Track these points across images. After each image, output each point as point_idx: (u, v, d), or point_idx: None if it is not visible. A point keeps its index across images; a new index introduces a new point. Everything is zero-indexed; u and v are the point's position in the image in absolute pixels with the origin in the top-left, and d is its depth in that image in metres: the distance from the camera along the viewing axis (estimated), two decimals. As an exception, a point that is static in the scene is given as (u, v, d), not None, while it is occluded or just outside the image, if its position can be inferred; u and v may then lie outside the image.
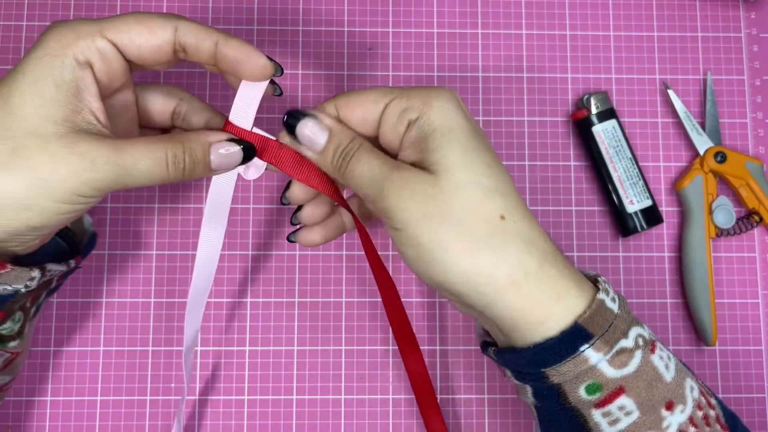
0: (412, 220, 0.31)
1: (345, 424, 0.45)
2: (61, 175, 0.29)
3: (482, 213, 0.31)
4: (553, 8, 0.49)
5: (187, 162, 0.32)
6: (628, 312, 0.32)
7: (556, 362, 0.31)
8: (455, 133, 0.32)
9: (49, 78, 0.30)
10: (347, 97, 0.34)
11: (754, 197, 0.46)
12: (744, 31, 0.49)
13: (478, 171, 0.31)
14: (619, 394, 0.31)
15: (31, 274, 0.33)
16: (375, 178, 0.32)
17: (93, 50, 0.31)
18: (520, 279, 0.31)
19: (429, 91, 0.33)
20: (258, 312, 0.45)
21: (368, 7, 0.48)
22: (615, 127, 0.46)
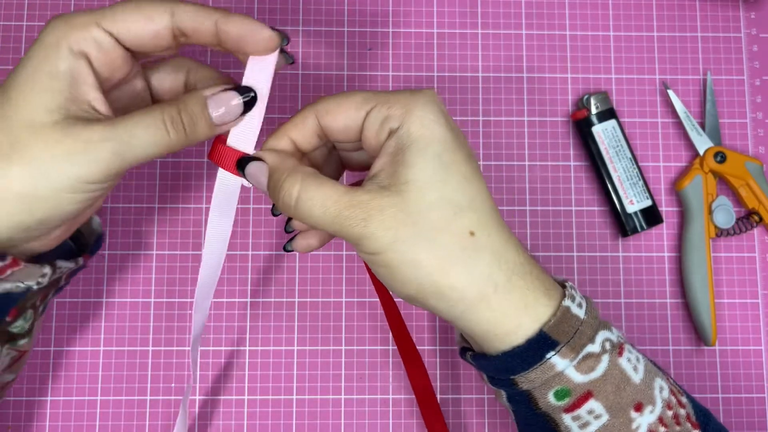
0: (382, 246, 0.30)
1: (345, 424, 0.45)
2: (57, 160, 0.29)
3: (453, 230, 0.31)
4: (553, 8, 0.49)
5: (185, 121, 0.31)
6: (596, 316, 0.33)
7: (523, 369, 0.31)
8: (432, 147, 0.31)
9: (44, 69, 0.30)
10: (328, 104, 0.33)
11: (754, 197, 0.46)
12: (744, 31, 0.49)
13: (451, 186, 0.31)
14: (587, 399, 0.31)
15: (43, 271, 0.33)
16: (330, 210, 0.31)
17: (88, 40, 0.31)
18: (489, 293, 0.31)
19: (410, 97, 0.32)
20: (258, 312, 0.45)
21: (368, 7, 0.48)
22: (615, 127, 0.46)
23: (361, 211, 0.30)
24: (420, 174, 0.31)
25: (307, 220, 0.31)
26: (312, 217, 0.31)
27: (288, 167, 0.32)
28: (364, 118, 0.32)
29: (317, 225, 0.31)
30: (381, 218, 0.30)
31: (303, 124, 0.34)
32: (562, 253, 0.47)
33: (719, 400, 0.46)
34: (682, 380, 0.46)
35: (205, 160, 0.46)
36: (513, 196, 0.47)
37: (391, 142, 0.31)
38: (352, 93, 0.33)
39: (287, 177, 0.32)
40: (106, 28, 0.31)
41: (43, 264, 0.33)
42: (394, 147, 0.31)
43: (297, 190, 0.31)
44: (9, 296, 0.33)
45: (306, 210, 0.31)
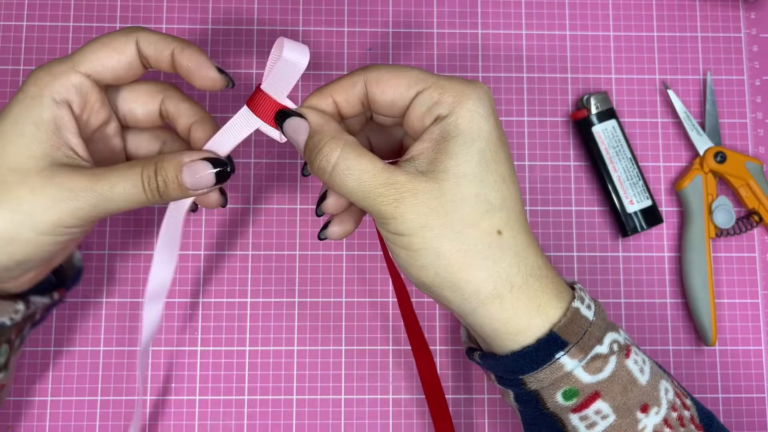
0: (409, 229, 0.31)
1: (345, 424, 0.45)
2: (41, 206, 0.31)
3: (481, 227, 0.31)
4: (553, 8, 0.49)
5: (159, 182, 0.32)
6: (604, 318, 0.33)
7: (533, 369, 0.32)
8: (478, 143, 0.31)
9: (29, 118, 0.31)
10: (379, 73, 0.33)
11: (754, 197, 0.46)
12: (744, 31, 0.49)
13: (488, 185, 0.31)
14: (594, 399, 0.32)
15: (16, 307, 0.34)
16: (365, 184, 0.31)
17: (69, 88, 0.32)
18: (504, 292, 0.31)
19: (464, 87, 0.32)
20: (258, 312, 0.45)
21: (368, 7, 0.48)
22: (615, 127, 0.46)
23: (395, 191, 0.30)
24: (461, 167, 0.31)
25: (339, 189, 0.31)
26: (345, 187, 0.31)
27: (330, 131, 0.32)
28: (413, 97, 0.32)
29: (349, 196, 0.31)
30: (414, 202, 0.30)
31: (351, 88, 0.33)
32: (562, 253, 0.47)
33: (719, 400, 0.46)
34: (682, 380, 0.46)
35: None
36: (513, 196, 0.47)
37: (436, 129, 0.31)
38: (407, 68, 0.33)
39: (328, 141, 0.31)
40: (84, 71, 0.33)
41: (17, 300, 0.34)
42: (439, 134, 0.31)
43: (336, 156, 0.31)
44: None
45: (341, 179, 0.31)
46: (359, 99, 0.33)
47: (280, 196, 0.47)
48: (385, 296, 0.46)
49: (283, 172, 0.47)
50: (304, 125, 0.32)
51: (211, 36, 0.47)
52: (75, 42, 0.47)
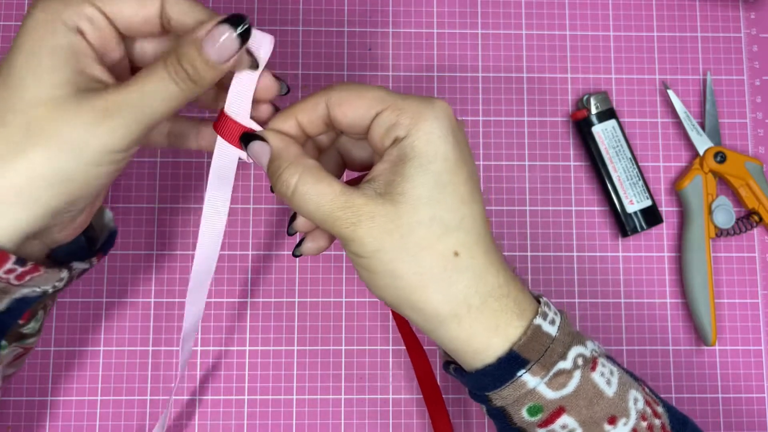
0: (367, 251, 0.31)
1: (345, 424, 0.45)
2: (80, 133, 0.29)
3: (437, 249, 0.31)
4: (553, 8, 0.49)
5: (187, 69, 0.30)
6: (569, 333, 0.33)
7: (495, 387, 0.32)
8: (433, 165, 0.31)
9: (43, 47, 0.29)
10: (340, 95, 0.33)
11: (754, 197, 0.46)
12: (744, 31, 0.49)
13: (445, 206, 0.31)
14: (560, 414, 0.32)
15: (60, 275, 0.33)
16: (322, 206, 0.31)
17: (82, 16, 0.30)
18: (462, 313, 0.31)
19: (422, 107, 0.31)
20: (258, 312, 0.45)
21: (368, 7, 0.48)
22: (615, 127, 0.46)
23: (352, 214, 0.31)
24: (416, 190, 0.31)
25: (300, 212, 0.32)
26: (305, 210, 0.31)
27: (290, 156, 0.32)
28: (373, 117, 0.32)
29: (310, 219, 0.32)
30: (370, 225, 0.30)
31: (313, 110, 0.33)
32: (562, 253, 0.47)
33: (719, 400, 0.46)
34: (682, 380, 0.46)
35: (205, 160, 0.46)
36: (513, 196, 0.47)
37: (394, 150, 0.31)
38: (367, 89, 0.33)
39: (287, 167, 0.32)
40: (99, 7, 0.30)
41: (62, 269, 0.33)
42: (396, 156, 0.31)
43: (294, 182, 0.31)
44: (24, 300, 0.33)
45: (300, 203, 0.31)
46: (322, 120, 0.33)
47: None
48: (385, 296, 0.46)
49: (283, 172, 0.47)
50: (266, 149, 0.33)
51: (211, 36, 0.47)
52: (75, 42, 0.47)
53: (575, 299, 0.46)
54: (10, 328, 0.33)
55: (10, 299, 0.32)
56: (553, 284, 0.46)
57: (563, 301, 0.46)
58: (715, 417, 0.46)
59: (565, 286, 0.46)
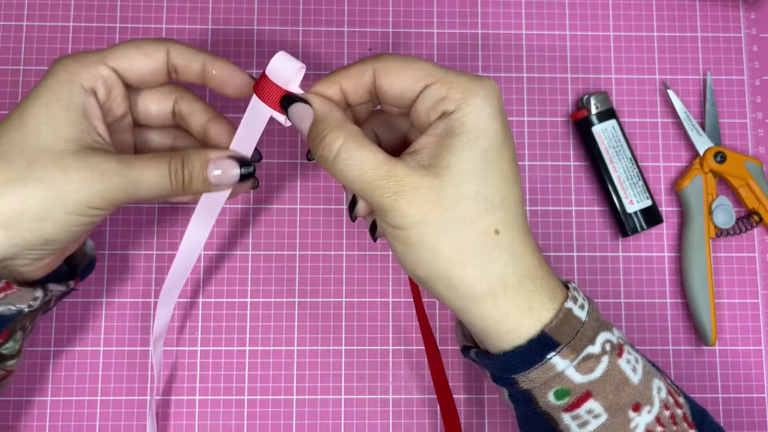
0: (407, 223, 0.31)
1: (345, 424, 0.45)
2: (74, 185, 0.31)
3: (479, 226, 0.31)
4: (553, 8, 0.49)
5: (185, 175, 0.33)
6: (597, 318, 0.33)
7: (524, 369, 0.32)
8: (481, 141, 0.31)
9: (60, 102, 0.32)
10: (388, 64, 0.33)
11: (754, 197, 0.46)
12: (744, 31, 0.49)
13: (489, 183, 0.31)
14: (586, 399, 0.32)
15: (35, 294, 0.34)
16: (366, 174, 0.31)
17: (97, 77, 0.33)
18: (498, 292, 0.32)
19: (473, 83, 0.32)
20: (258, 312, 0.45)
21: (368, 7, 0.48)
22: (615, 127, 0.46)
23: (395, 184, 0.30)
24: (463, 164, 0.31)
25: (340, 179, 0.32)
26: (346, 177, 0.31)
27: (334, 120, 0.32)
28: (420, 90, 0.32)
29: (350, 185, 0.32)
30: (413, 196, 0.30)
31: (359, 77, 0.33)
32: (562, 253, 0.47)
33: (719, 400, 0.46)
34: (682, 380, 0.46)
35: (205, 160, 0.46)
36: (513, 196, 0.47)
37: (441, 124, 0.32)
38: (416, 60, 0.33)
39: (331, 130, 0.32)
40: (112, 66, 0.34)
41: (36, 288, 0.34)
42: (444, 130, 0.31)
43: (338, 146, 0.31)
44: (0, 318, 0.34)
45: (342, 168, 0.31)
46: (367, 88, 0.33)
47: (280, 196, 0.47)
48: (385, 296, 0.46)
49: (283, 172, 0.47)
50: (309, 112, 0.33)
51: (211, 36, 0.47)
52: (75, 42, 0.47)
53: (575, 299, 0.46)
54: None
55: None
56: (553, 284, 0.46)
57: (563, 301, 0.46)
58: (715, 417, 0.46)
59: (565, 286, 0.46)
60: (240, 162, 0.34)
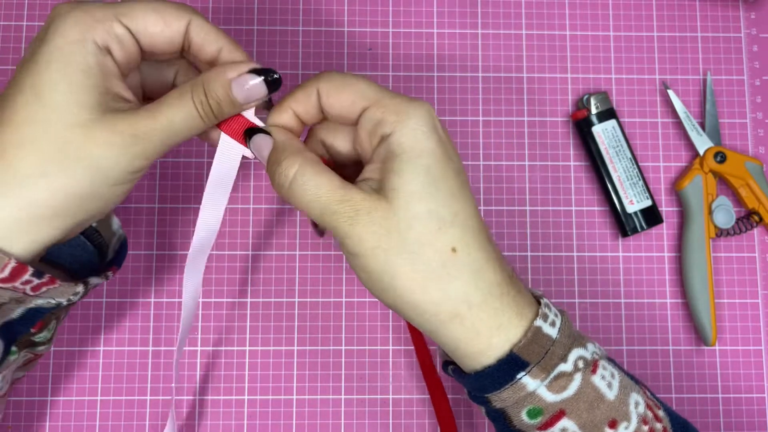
0: (363, 249, 0.30)
1: (345, 424, 0.45)
2: (112, 158, 0.30)
3: (435, 245, 0.31)
4: (553, 8, 0.49)
5: (212, 104, 0.32)
6: (569, 335, 0.33)
7: (495, 389, 0.32)
8: (422, 159, 0.31)
9: (75, 65, 0.30)
10: (329, 86, 0.33)
11: (754, 197, 0.46)
12: (744, 31, 0.49)
13: (438, 201, 0.31)
14: (560, 417, 0.31)
15: (76, 289, 0.33)
16: (320, 197, 0.31)
17: (111, 36, 0.31)
18: (463, 312, 0.31)
19: (405, 105, 0.32)
20: (258, 312, 0.45)
21: (368, 7, 0.48)
22: (615, 127, 0.46)
23: (350, 208, 0.30)
24: (409, 185, 0.30)
25: (297, 204, 0.31)
26: (302, 202, 0.31)
27: (290, 146, 0.32)
28: (359, 113, 0.32)
29: (307, 210, 0.31)
30: (368, 220, 0.30)
31: (306, 99, 0.33)
32: (562, 253, 0.47)
33: (719, 400, 0.46)
34: (682, 380, 0.46)
35: (206, 160, 0.46)
36: (513, 196, 0.47)
37: (382, 149, 0.32)
38: (354, 81, 0.32)
39: (287, 156, 0.32)
40: (127, 25, 0.31)
41: (77, 283, 0.34)
42: (385, 153, 0.31)
43: (293, 171, 0.31)
44: (38, 310, 0.33)
45: (298, 194, 0.31)
46: (316, 108, 0.33)
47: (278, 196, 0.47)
48: (385, 296, 0.46)
49: (283, 172, 0.47)
50: (268, 142, 0.33)
51: (211, 36, 0.47)
52: (75, 42, 0.47)
53: (575, 299, 0.46)
54: (21, 335, 0.34)
55: (24, 308, 0.33)
56: (553, 284, 0.46)
57: (563, 301, 0.46)
58: (715, 417, 0.46)
59: (565, 286, 0.46)
60: (260, 72, 0.32)
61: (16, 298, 0.32)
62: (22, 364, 0.36)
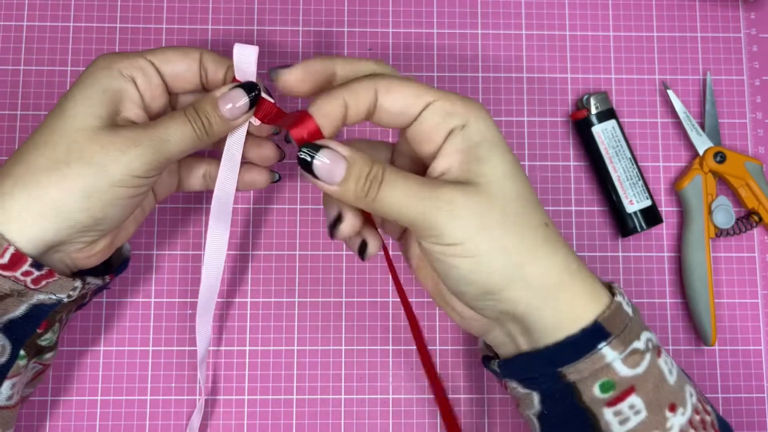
0: (469, 233, 0.31)
1: (345, 424, 0.45)
2: (111, 157, 0.33)
3: (532, 222, 0.32)
4: (553, 8, 0.49)
5: (203, 119, 0.35)
6: (640, 318, 0.34)
7: (574, 359, 0.32)
8: (500, 146, 0.32)
9: (97, 85, 0.34)
10: (390, 82, 0.33)
11: (754, 197, 0.46)
12: (744, 31, 0.49)
13: (521, 182, 0.33)
14: (630, 393, 0.32)
15: (74, 284, 0.36)
16: (412, 200, 0.31)
17: (135, 67, 0.36)
18: (566, 281, 0.32)
19: (467, 100, 0.33)
20: (258, 312, 0.45)
21: (368, 7, 0.48)
22: (615, 127, 0.46)
23: (445, 201, 0.31)
24: (497, 168, 0.32)
25: (387, 212, 0.31)
26: (397, 203, 0.31)
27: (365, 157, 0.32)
28: (422, 108, 0.32)
29: (396, 212, 0.31)
30: (466, 202, 0.31)
31: (364, 93, 0.33)
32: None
33: (719, 400, 0.46)
34: (682, 380, 0.46)
35: (205, 160, 0.46)
36: (513, 196, 0.47)
37: (457, 139, 0.32)
38: (413, 80, 0.33)
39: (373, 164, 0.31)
40: (151, 60, 0.36)
41: (75, 278, 0.36)
42: (463, 143, 0.32)
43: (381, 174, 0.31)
44: (41, 307, 0.35)
45: (391, 197, 0.31)
46: (367, 106, 0.33)
47: (280, 196, 0.47)
48: (385, 296, 0.46)
49: (283, 172, 0.47)
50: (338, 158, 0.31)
51: (211, 36, 0.47)
52: (75, 42, 0.47)
53: (575, 299, 0.46)
54: (29, 336, 0.36)
55: (27, 305, 0.35)
56: (553, 284, 0.46)
57: (563, 301, 0.46)
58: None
59: (565, 286, 0.46)
60: (245, 88, 0.35)
61: (18, 291, 0.34)
62: (32, 377, 0.38)
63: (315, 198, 0.47)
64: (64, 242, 0.34)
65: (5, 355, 0.35)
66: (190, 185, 0.41)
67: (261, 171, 0.40)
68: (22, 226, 0.33)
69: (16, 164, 0.34)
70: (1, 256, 0.33)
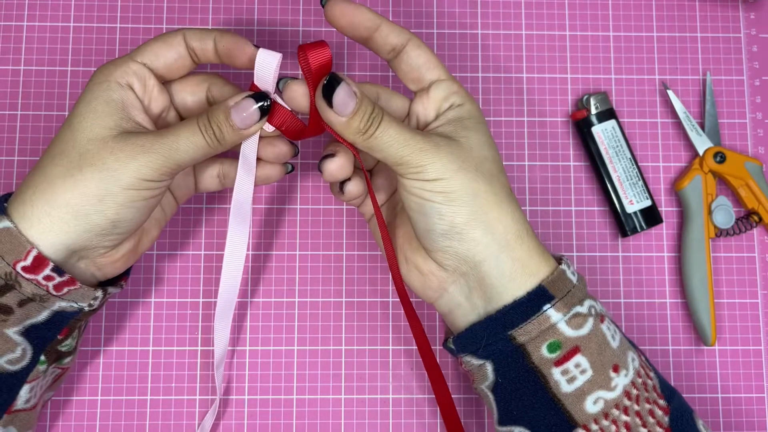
0: (448, 171, 0.35)
1: (345, 424, 0.45)
2: (121, 162, 0.34)
3: (501, 180, 0.37)
4: (553, 8, 0.49)
5: (214, 128, 0.36)
6: (584, 287, 0.37)
7: (522, 321, 0.35)
8: (483, 126, 0.38)
9: (100, 99, 0.36)
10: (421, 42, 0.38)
11: (754, 197, 0.46)
12: (743, 31, 0.49)
13: (495, 153, 0.38)
14: (575, 353, 0.35)
15: (95, 294, 0.37)
16: (403, 140, 0.35)
17: (129, 74, 0.37)
18: (524, 235, 0.36)
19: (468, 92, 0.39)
20: (258, 312, 0.45)
21: (368, 7, 0.48)
22: (614, 127, 0.46)
23: (432, 143, 0.35)
24: (477, 136, 0.37)
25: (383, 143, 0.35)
26: (392, 140, 0.35)
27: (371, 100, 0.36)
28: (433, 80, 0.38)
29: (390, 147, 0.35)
30: (449, 149, 0.35)
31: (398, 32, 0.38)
32: (562, 253, 0.47)
33: (719, 400, 0.46)
34: (682, 380, 0.46)
35: (205, 160, 0.46)
36: (513, 196, 0.47)
37: (451, 113, 0.38)
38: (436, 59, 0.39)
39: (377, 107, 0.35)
40: (140, 60, 0.37)
41: (96, 288, 0.37)
42: (455, 116, 0.38)
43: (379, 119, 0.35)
44: (62, 314, 0.36)
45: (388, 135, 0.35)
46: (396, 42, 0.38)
47: (280, 197, 0.47)
48: (385, 296, 0.46)
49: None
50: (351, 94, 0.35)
51: (211, 36, 0.47)
52: (75, 42, 0.47)
53: (575, 299, 0.46)
54: (50, 342, 0.37)
55: (49, 311, 0.36)
56: (553, 284, 0.46)
57: (563, 301, 0.46)
58: (715, 417, 0.46)
59: (565, 286, 0.46)
60: (256, 98, 0.36)
61: (40, 295, 0.35)
62: (51, 381, 0.39)
63: (315, 198, 0.47)
64: (85, 247, 0.35)
65: (26, 359, 0.36)
66: (206, 186, 0.42)
67: (275, 166, 0.41)
68: (42, 231, 0.34)
69: (35, 175, 0.35)
70: (25, 258, 0.34)
